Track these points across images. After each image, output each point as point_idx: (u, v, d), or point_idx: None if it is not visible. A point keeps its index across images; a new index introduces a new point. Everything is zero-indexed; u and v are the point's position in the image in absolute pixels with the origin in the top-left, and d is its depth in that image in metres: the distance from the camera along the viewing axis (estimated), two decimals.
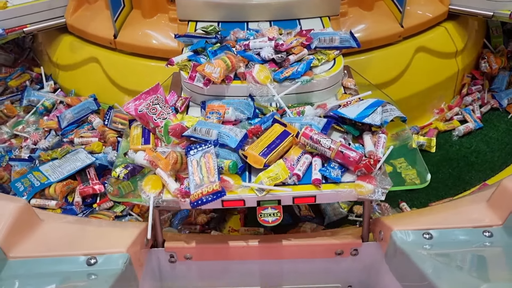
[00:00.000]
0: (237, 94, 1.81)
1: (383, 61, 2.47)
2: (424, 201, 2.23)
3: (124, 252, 1.32)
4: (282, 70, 1.83)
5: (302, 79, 1.79)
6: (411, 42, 2.56)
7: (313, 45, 1.94)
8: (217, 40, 2.03)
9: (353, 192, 1.42)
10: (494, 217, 1.37)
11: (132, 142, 1.64)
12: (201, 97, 1.84)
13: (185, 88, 1.91)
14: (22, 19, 2.67)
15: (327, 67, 1.89)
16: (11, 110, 2.72)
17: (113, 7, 2.47)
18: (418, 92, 2.58)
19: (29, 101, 2.74)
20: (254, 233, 2.02)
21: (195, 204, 1.36)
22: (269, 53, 1.86)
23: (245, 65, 1.86)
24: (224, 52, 1.85)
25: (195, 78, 1.79)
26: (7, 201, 1.40)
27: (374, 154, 1.48)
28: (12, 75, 2.97)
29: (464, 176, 2.38)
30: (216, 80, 1.74)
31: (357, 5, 2.53)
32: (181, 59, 1.93)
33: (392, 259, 1.43)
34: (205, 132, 1.52)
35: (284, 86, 1.79)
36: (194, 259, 1.59)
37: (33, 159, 2.31)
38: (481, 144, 2.55)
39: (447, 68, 2.69)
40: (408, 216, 1.59)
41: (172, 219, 2.12)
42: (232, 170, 1.44)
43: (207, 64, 1.79)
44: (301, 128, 1.54)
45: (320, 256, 1.61)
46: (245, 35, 2.06)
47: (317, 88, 1.83)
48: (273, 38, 1.94)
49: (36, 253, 1.31)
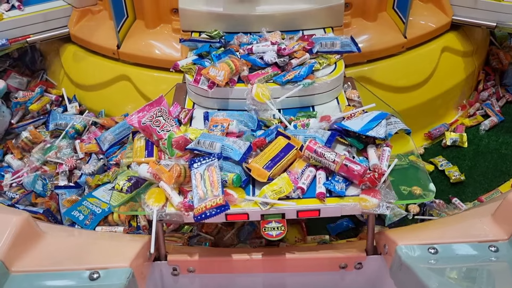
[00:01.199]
0: (241, 97, 1.85)
1: (387, 72, 2.47)
2: (471, 195, 2.32)
3: (127, 266, 1.31)
4: (285, 73, 1.88)
5: (304, 82, 1.83)
6: (414, 52, 2.55)
7: (314, 49, 1.99)
8: (221, 44, 2.09)
9: (357, 206, 1.42)
10: (500, 232, 1.36)
11: (135, 155, 1.63)
12: (205, 100, 1.89)
13: (190, 91, 1.95)
14: (26, 29, 2.68)
15: (329, 71, 1.94)
16: (37, 136, 2.54)
17: (117, 17, 2.47)
18: (423, 103, 2.58)
19: (56, 125, 2.56)
20: (320, 241, 2.03)
21: (198, 218, 1.36)
22: (272, 57, 1.91)
23: (249, 68, 1.92)
24: (228, 56, 1.92)
25: (199, 81, 1.86)
26: (9, 214, 1.40)
27: (379, 167, 1.48)
28: (32, 99, 2.72)
29: (500, 167, 2.47)
30: (221, 83, 1.80)
31: (360, 16, 2.53)
32: (186, 63, 1.99)
33: (397, 273, 1.41)
34: (209, 145, 1.51)
35: (286, 89, 1.83)
36: (197, 272, 1.58)
37: (80, 186, 2.24)
38: (507, 136, 2.65)
39: (452, 76, 2.69)
40: (413, 230, 1.57)
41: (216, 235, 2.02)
42: (236, 183, 1.43)
43: (211, 68, 1.85)
44: (305, 141, 1.53)
45: (324, 269, 1.60)
46: (248, 39, 2.12)
47: (319, 91, 1.88)
48: (275, 42, 1.99)
49: (38, 267, 1.31)
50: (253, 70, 1.92)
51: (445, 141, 2.59)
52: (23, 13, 2.70)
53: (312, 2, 2.26)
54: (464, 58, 2.74)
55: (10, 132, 2.65)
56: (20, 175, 2.33)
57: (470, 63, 2.79)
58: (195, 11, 2.29)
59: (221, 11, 2.28)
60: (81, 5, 2.78)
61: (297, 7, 2.27)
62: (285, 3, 2.28)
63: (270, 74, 1.88)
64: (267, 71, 1.90)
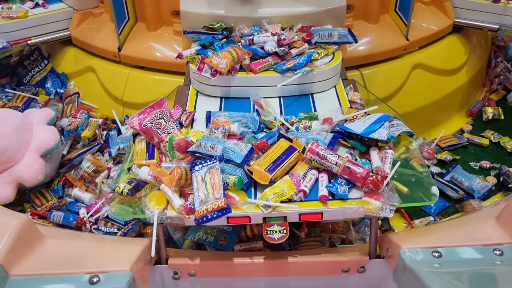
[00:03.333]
0: (242, 85, 1.95)
1: (388, 74, 2.46)
2: None
3: (127, 270, 1.29)
4: (285, 62, 1.97)
5: (303, 69, 1.92)
6: (416, 55, 2.54)
7: (313, 40, 2.08)
8: (223, 36, 2.16)
9: (360, 209, 1.40)
10: (505, 235, 1.35)
11: (136, 157, 1.62)
12: (208, 87, 1.98)
13: (193, 80, 2.03)
14: (26, 32, 2.68)
15: (327, 60, 2.03)
16: (99, 164, 2.32)
17: (118, 20, 2.47)
18: (424, 106, 2.56)
19: (118, 150, 2.40)
20: (428, 222, 2.07)
21: (200, 221, 1.34)
22: (272, 47, 2.01)
23: (250, 57, 2.01)
24: (230, 46, 2.01)
25: (203, 69, 1.93)
26: (9, 217, 1.38)
27: (382, 170, 1.46)
28: (82, 126, 2.51)
29: None
30: (223, 70, 1.88)
31: (362, 18, 2.53)
32: (189, 53, 2.07)
33: (400, 277, 1.40)
34: (210, 147, 1.50)
35: (286, 77, 1.92)
36: (198, 276, 1.56)
37: None
38: None
39: (454, 80, 2.68)
40: (416, 233, 1.56)
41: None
42: (238, 186, 1.42)
43: (214, 56, 1.94)
44: (307, 143, 1.52)
45: (326, 273, 1.58)
46: (249, 31, 2.20)
47: (317, 79, 1.96)
48: (276, 33, 2.09)
49: (38, 271, 1.29)
50: (254, 59, 2.01)
51: (486, 115, 2.76)
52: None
53: (313, 4, 2.25)
54: (466, 60, 2.73)
55: (63, 164, 2.39)
56: (98, 208, 2.14)
57: (473, 65, 2.78)
58: (197, 13, 2.28)
59: (222, 13, 2.27)
60: (82, 8, 2.78)
61: (299, 9, 2.27)
62: (286, 5, 2.27)
63: (270, 62, 1.97)
64: (268, 59, 1.99)
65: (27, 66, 2.92)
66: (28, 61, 2.92)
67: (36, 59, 2.92)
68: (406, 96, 2.50)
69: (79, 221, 2.08)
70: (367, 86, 2.20)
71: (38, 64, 2.91)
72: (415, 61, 2.53)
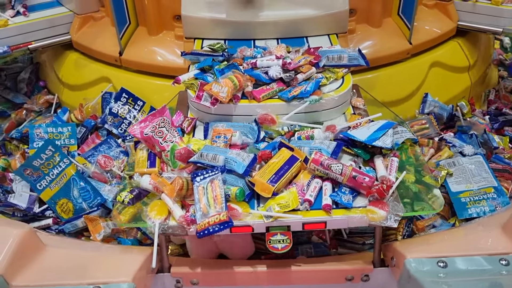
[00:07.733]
0: (245, 114, 1.80)
1: (391, 79, 2.44)
2: None
3: (129, 281, 1.28)
4: (290, 89, 1.81)
5: (311, 98, 1.76)
6: (419, 59, 2.52)
7: (321, 63, 1.92)
8: (224, 58, 2.00)
9: (364, 218, 1.39)
10: (511, 245, 1.33)
11: (138, 165, 1.61)
12: (208, 116, 1.82)
13: (192, 107, 1.89)
14: (27, 36, 2.66)
15: (336, 86, 1.87)
16: None
17: (119, 24, 2.45)
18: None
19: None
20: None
21: (201, 234, 1.33)
22: (277, 72, 1.84)
23: (253, 84, 1.85)
24: (231, 71, 1.83)
25: (202, 97, 1.78)
26: (10, 227, 1.37)
27: (387, 179, 1.45)
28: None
29: None
30: (224, 100, 1.72)
31: (365, 22, 2.50)
32: (187, 78, 1.92)
33: (405, 287, 1.38)
34: (212, 157, 1.49)
35: (292, 105, 1.77)
36: (200, 284, 1.55)
37: None
38: None
39: (458, 83, 2.65)
40: (421, 242, 1.54)
41: None
42: (239, 197, 1.40)
43: (214, 84, 1.77)
44: (310, 153, 1.50)
45: (330, 282, 1.57)
46: (252, 53, 2.03)
47: (326, 107, 1.82)
48: (280, 56, 1.92)
49: (39, 281, 1.28)
50: (258, 86, 1.85)
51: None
52: (28, 19, 2.66)
53: (316, 8, 2.23)
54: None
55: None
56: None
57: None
58: (198, 17, 2.27)
59: (224, 18, 2.26)
60: (83, 12, 2.75)
61: (301, 13, 2.25)
62: (289, 9, 2.25)
63: (275, 89, 1.81)
64: (272, 86, 1.83)
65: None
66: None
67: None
68: (410, 100, 2.48)
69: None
70: (369, 90, 2.16)
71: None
72: (418, 65, 2.51)
